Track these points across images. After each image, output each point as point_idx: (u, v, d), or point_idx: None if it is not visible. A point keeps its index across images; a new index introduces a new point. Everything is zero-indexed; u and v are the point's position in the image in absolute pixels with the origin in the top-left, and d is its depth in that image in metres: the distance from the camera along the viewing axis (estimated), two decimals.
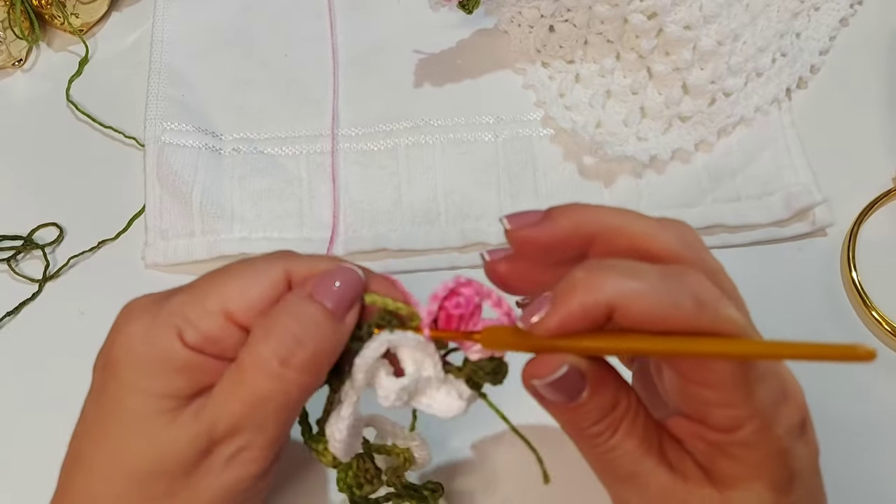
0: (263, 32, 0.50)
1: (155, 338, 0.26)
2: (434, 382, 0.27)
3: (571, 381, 0.25)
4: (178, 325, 0.26)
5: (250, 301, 0.26)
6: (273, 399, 0.26)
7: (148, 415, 0.25)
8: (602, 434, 0.26)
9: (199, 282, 0.27)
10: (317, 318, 0.26)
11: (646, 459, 0.26)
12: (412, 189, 0.44)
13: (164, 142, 0.45)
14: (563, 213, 0.26)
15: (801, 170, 0.44)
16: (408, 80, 0.48)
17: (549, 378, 0.25)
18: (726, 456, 0.25)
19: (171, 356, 0.26)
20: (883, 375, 0.40)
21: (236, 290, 0.26)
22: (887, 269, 0.42)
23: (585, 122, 0.45)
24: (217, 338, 0.26)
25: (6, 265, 0.44)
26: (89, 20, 0.50)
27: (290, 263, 0.27)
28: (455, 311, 0.27)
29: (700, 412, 0.25)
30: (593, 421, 0.26)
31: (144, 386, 0.26)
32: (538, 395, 0.26)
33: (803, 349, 0.22)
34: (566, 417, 0.26)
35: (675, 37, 0.44)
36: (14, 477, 0.39)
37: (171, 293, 0.27)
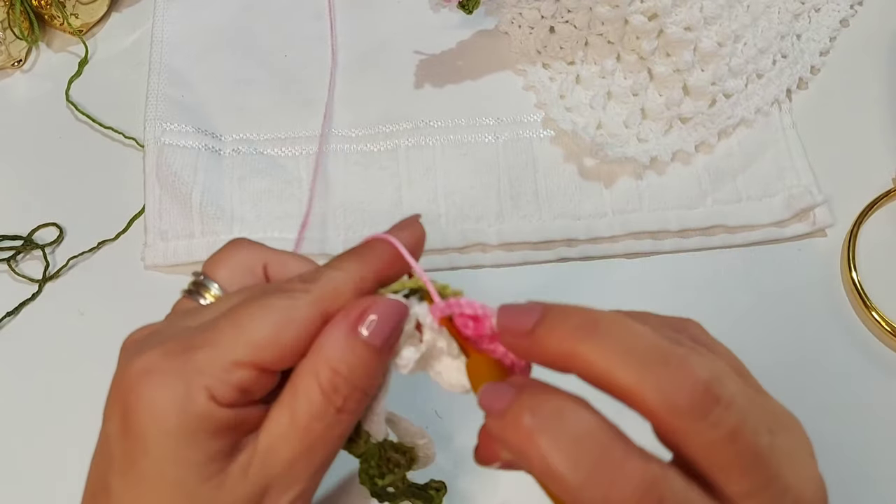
0: (263, 33, 0.50)
1: (188, 406, 0.23)
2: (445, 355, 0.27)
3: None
4: (208, 385, 0.23)
5: (283, 350, 0.24)
6: (328, 443, 0.24)
7: (194, 486, 0.23)
8: None
9: (220, 331, 0.24)
10: (364, 357, 0.24)
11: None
12: (412, 190, 0.44)
13: (163, 142, 0.45)
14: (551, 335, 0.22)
15: (801, 171, 0.44)
16: (408, 81, 0.48)
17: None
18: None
19: (208, 421, 0.23)
20: (883, 375, 0.40)
21: (267, 339, 0.24)
22: (887, 269, 0.42)
23: (586, 123, 0.45)
24: (250, 388, 0.24)
25: (6, 265, 0.44)
26: (89, 20, 0.50)
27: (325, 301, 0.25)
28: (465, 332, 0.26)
29: None
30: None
31: (185, 456, 0.23)
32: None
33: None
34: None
35: (676, 38, 0.44)
36: (14, 477, 0.39)
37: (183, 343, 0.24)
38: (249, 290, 0.26)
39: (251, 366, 0.24)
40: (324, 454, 0.25)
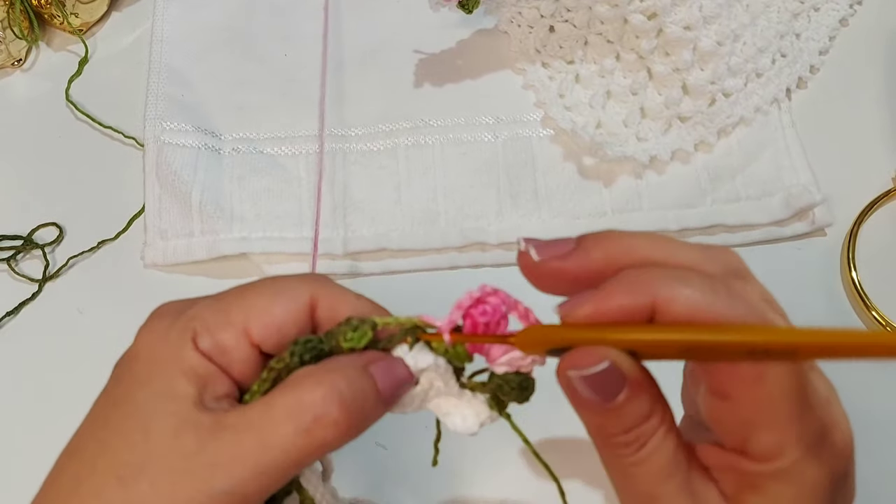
0: (263, 32, 0.50)
1: (171, 337, 0.25)
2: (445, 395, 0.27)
3: (611, 378, 0.23)
4: (195, 328, 0.25)
5: (271, 320, 0.25)
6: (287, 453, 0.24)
7: (151, 413, 0.24)
8: (630, 445, 0.24)
9: (226, 293, 0.26)
10: (366, 388, 0.25)
11: (669, 482, 0.24)
12: (412, 189, 0.44)
13: (163, 141, 0.45)
14: (596, 243, 0.25)
15: (800, 170, 0.44)
16: (407, 80, 0.48)
17: (587, 370, 0.23)
18: (756, 491, 0.24)
19: (180, 357, 0.25)
20: (883, 375, 0.40)
21: (260, 307, 0.25)
22: (887, 269, 0.42)
23: (585, 122, 0.45)
24: (228, 349, 0.25)
25: (6, 265, 0.44)
26: (89, 20, 0.50)
27: (318, 289, 0.26)
28: (481, 319, 0.26)
29: (739, 436, 0.24)
30: (624, 429, 0.24)
31: (153, 383, 0.25)
32: (572, 391, 0.24)
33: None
34: (596, 420, 0.25)
35: (675, 37, 0.44)
36: (14, 477, 0.39)
37: (198, 299, 0.26)
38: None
39: (239, 327, 0.25)
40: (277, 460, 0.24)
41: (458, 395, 0.27)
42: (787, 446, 0.23)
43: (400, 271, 0.43)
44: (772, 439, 0.23)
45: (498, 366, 0.26)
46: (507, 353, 0.26)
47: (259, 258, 0.43)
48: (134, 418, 0.25)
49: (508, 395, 0.26)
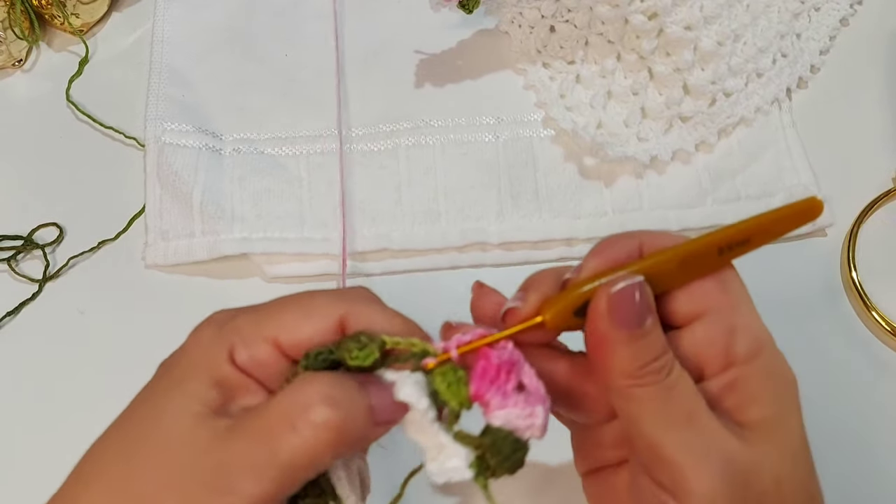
0: (264, 33, 0.50)
1: (212, 347, 0.26)
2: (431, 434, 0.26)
3: (641, 300, 0.26)
4: (233, 341, 0.26)
5: (300, 337, 0.26)
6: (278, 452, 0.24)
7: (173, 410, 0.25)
8: (662, 370, 0.25)
9: (266, 306, 0.27)
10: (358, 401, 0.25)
11: (700, 400, 0.26)
12: (413, 189, 0.44)
13: (164, 142, 0.45)
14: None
15: (801, 170, 0.44)
16: (408, 80, 0.48)
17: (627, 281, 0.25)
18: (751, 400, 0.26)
19: (215, 368, 0.26)
20: (883, 375, 0.40)
21: (291, 324, 0.26)
22: (887, 269, 0.42)
23: (586, 122, 0.45)
24: (265, 363, 0.26)
25: (6, 265, 0.44)
26: (89, 20, 0.50)
27: (350, 307, 0.27)
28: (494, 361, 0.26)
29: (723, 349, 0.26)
30: (655, 355, 0.25)
31: (183, 385, 0.26)
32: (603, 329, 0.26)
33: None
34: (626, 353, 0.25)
35: (676, 37, 0.44)
36: (14, 477, 0.39)
37: (244, 310, 0.27)
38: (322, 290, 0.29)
39: (271, 341, 0.26)
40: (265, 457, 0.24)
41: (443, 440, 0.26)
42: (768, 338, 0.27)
43: (401, 271, 0.43)
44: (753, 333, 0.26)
45: (494, 418, 0.26)
46: (506, 409, 0.26)
47: (260, 258, 0.43)
48: (157, 411, 0.26)
49: (499, 454, 0.26)
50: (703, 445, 0.25)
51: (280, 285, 0.43)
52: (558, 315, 0.26)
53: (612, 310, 0.26)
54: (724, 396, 0.26)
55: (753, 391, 0.26)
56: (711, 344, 0.26)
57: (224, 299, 0.28)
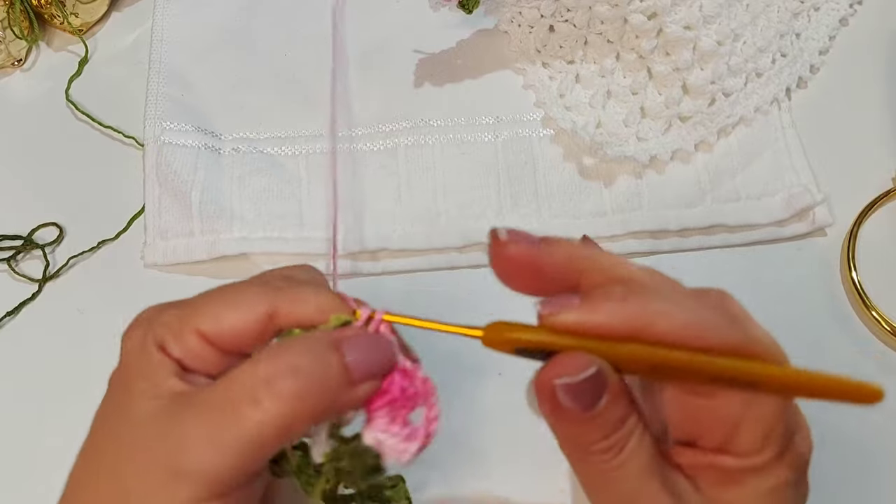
0: (263, 32, 0.50)
1: (147, 347, 0.26)
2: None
3: (595, 385, 0.23)
4: (163, 337, 0.26)
5: (222, 329, 0.26)
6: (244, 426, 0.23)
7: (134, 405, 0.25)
8: (611, 450, 0.24)
9: (196, 297, 0.27)
10: (330, 363, 0.24)
11: (651, 481, 0.24)
12: (412, 189, 0.44)
13: (163, 141, 0.45)
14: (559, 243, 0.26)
15: (801, 170, 0.44)
16: (407, 80, 0.48)
17: (576, 377, 0.23)
18: (737, 485, 0.24)
19: (158, 367, 0.26)
20: (883, 375, 0.40)
21: (212, 316, 0.26)
22: (887, 269, 0.42)
23: (585, 122, 0.45)
24: (197, 355, 0.26)
25: (6, 265, 0.44)
26: (89, 20, 0.50)
27: (276, 298, 0.26)
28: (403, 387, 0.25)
29: (720, 434, 0.24)
30: (603, 435, 0.24)
31: (136, 384, 0.26)
32: (551, 401, 0.24)
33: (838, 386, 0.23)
34: (573, 430, 0.24)
35: (676, 37, 0.44)
36: (14, 477, 0.39)
37: (171, 305, 0.27)
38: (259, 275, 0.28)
39: (198, 333, 0.26)
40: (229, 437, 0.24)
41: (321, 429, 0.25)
42: (771, 442, 0.24)
43: (400, 271, 0.43)
44: (757, 436, 0.24)
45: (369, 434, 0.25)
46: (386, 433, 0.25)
47: (259, 258, 0.43)
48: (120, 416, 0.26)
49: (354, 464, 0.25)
50: None
51: None
52: (497, 343, 0.25)
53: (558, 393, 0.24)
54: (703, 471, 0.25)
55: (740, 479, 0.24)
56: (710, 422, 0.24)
57: None
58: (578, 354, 0.24)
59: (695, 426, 0.25)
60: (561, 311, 0.24)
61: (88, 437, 0.27)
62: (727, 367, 0.23)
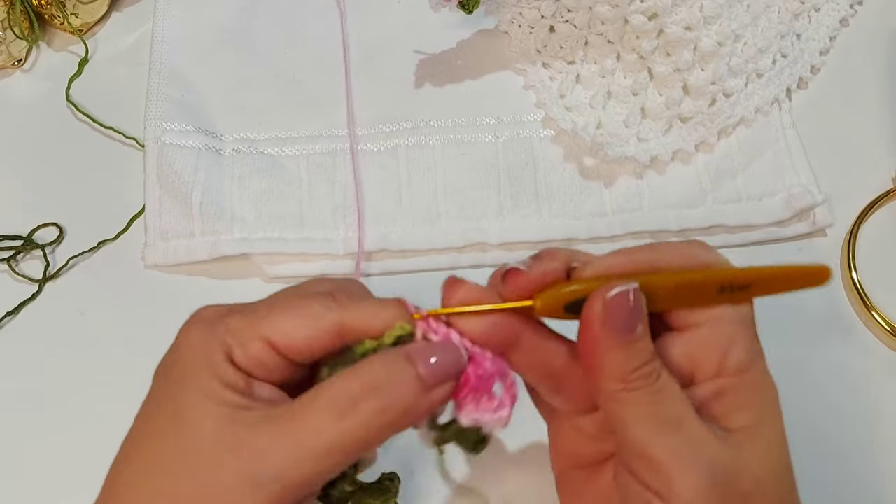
0: (264, 32, 0.50)
1: (209, 348, 0.26)
2: None
3: (635, 307, 0.26)
4: (228, 343, 0.26)
5: (294, 342, 0.26)
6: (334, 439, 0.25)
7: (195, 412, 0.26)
8: (651, 375, 0.26)
9: (259, 305, 0.28)
10: (406, 378, 0.26)
11: (688, 404, 0.27)
12: (413, 189, 0.44)
13: (164, 142, 0.45)
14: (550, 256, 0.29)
15: (801, 170, 0.44)
16: (408, 80, 0.48)
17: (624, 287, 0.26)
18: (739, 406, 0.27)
19: (222, 373, 0.26)
20: (883, 375, 0.40)
21: (283, 329, 0.26)
22: (887, 269, 0.42)
23: (586, 122, 0.45)
24: (263, 362, 0.27)
25: (6, 265, 0.44)
26: (89, 20, 0.50)
27: (344, 313, 0.27)
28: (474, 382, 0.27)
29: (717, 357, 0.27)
30: (643, 360, 0.26)
31: (195, 387, 0.26)
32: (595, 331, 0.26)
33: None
34: (617, 358, 0.26)
35: (676, 37, 0.44)
36: (15, 477, 0.39)
37: (234, 310, 0.28)
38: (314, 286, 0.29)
39: (267, 342, 0.26)
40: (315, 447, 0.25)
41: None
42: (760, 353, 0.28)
43: (401, 272, 0.43)
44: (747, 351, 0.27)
45: (464, 418, 0.27)
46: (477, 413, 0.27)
47: (260, 259, 0.43)
48: (178, 417, 0.26)
49: (462, 443, 0.28)
50: (689, 450, 0.26)
51: (280, 285, 0.42)
52: (549, 305, 0.27)
53: (606, 313, 0.26)
54: (711, 402, 0.27)
55: (740, 400, 0.27)
56: (708, 351, 0.27)
57: (224, 299, 0.28)
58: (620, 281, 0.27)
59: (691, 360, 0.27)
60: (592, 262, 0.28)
61: (132, 434, 0.27)
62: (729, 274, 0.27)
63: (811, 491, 0.28)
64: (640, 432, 0.26)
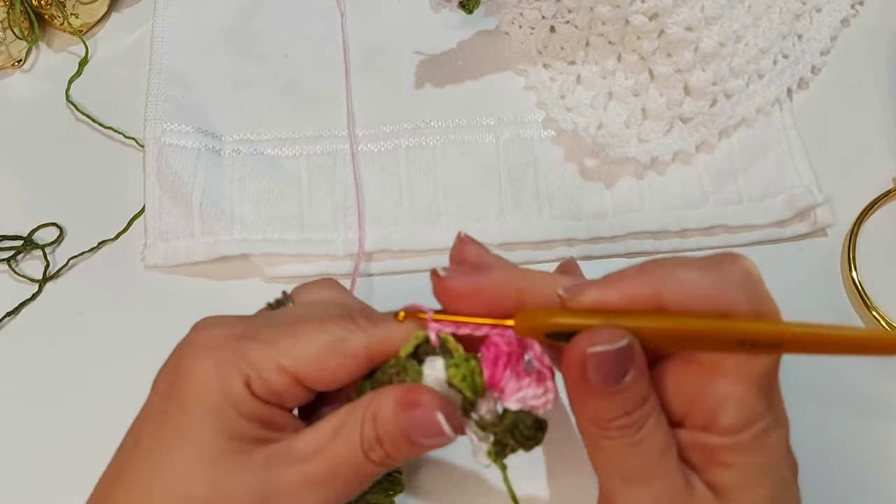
0: (264, 33, 0.50)
1: (225, 380, 0.25)
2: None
3: (624, 358, 0.24)
4: (247, 373, 0.26)
5: (321, 374, 0.26)
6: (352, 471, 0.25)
7: (216, 453, 0.25)
8: (631, 426, 0.25)
9: (278, 334, 0.26)
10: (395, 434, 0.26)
11: (666, 458, 0.25)
12: (413, 190, 0.44)
13: (164, 143, 0.45)
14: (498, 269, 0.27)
15: (802, 171, 0.44)
16: (408, 81, 0.48)
17: (609, 346, 0.24)
18: (722, 466, 0.25)
19: (239, 402, 0.25)
20: (883, 375, 0.40)
21: (310, 360, 0.26)
22: (887, 269, 0.42)
23: (587, 123, 0.45)
24: (283, 394, 0.26)
25: (6, 265, 0.44)
26: (89, 20, 0.50)
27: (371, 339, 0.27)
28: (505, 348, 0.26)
29: (708, 411, 0.25)
30: (626, 410, 0.24)
31: (215, 425, 0.25)
32: (579, 375, 0.24)
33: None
34: (598, 404, 0.25)
35: (677, 38, 0.44)
36: (15, 477, 0.39)
37: (245, 331, 0.27)
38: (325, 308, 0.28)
39: (290, 375, 0.26)
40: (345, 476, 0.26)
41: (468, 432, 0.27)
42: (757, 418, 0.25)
43: (401, 272, 0.43)
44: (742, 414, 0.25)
45: (511, 402, 0.26)
46: (522, 390, 0.26)
47: (260, 259, 0.43)
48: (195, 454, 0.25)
49: (521, 435, 0.26)
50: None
51: (280, 285, 0.43)
52: (528, 330, 0.26)
53: (588, 365, 0.24)
54: (693, 451, 0.26)
55: (722, 459, 0.25)
56: (699, 402, 0.25)
57: (224, 300, 0.28)
58: (610, 328, 0.24)
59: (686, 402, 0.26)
60: (581, 293, 0.25)
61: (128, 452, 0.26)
62: (751, 329, 0.24)
63: (806, 492, 0.28)
64: (608, 479, 0.26)
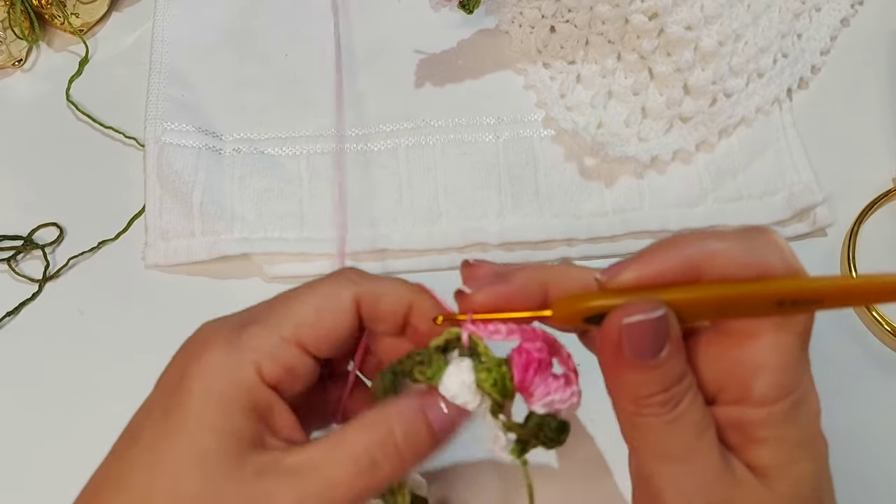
0: (264, 32, 0.50)
1: (235, 373, 0.25)
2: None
3: (658, 331, 0.24)
4: (256, 360, 0.25)
5: (322, 332, 0.26)
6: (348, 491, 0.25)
7: (212, 452, 0.25)
8: (668, 403, 0.24)
9: (272, 309, 0.27)
10: (421, 434, 0.26)
11: (703, 437, 0.25)
12: (413, 189, 0.44)
13: (164, 142, 0.45)
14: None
15: (802, 170, 0.44)
16: (408, 80, 0.48)
17: (645, 315, 0.24)
18: (759, 442, 0.25)
19: (248, 395, 0.25)
20: (883, 375, 0.40)
21: (310, 321, 0.26)
22: (887, 269, 0.42)
23: (587, 122, 0.45)
24: (294, 367, 0.26)
25: (6, 265, 0.44)
26: (89, 20, 0.50)
27: (358, 289, 0.27)
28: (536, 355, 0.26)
29: (742, 382, 0.25)
30: (663, 386, 0.24)
31: (215, 422, 0.25)
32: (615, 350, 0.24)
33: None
34: (635, 379, 0.24)
35: (677, 37, 0.44)
36: (15, 477, 0.39)
37: (245, 321, 0.27)
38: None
39: (295, 343, 0.26)
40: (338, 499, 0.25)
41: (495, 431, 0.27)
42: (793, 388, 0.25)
43: (401, 272, 0.43)
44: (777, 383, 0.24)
45: (538, 406, 0.27)
46: (549, 395, 0.27)
47: (260, 259, 0.43)
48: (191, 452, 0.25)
49: (545, 437, 0.27)
50: (693, 486, 0.25)
51: (280, 285, 0.42)
52: (567, 317, 0.26)
53: (624, 338, 0.24)
54: (730, 430, 0.25)
55: (759, 435, 0.25)
56: (732, 373, 0.25)
57: (224, 299, 0.28)
58: (646, 299, 0.24)
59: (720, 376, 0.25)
60: (619, 273, 0.25)
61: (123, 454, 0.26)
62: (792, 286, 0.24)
63: None
64: (646, 458, 0.25)
